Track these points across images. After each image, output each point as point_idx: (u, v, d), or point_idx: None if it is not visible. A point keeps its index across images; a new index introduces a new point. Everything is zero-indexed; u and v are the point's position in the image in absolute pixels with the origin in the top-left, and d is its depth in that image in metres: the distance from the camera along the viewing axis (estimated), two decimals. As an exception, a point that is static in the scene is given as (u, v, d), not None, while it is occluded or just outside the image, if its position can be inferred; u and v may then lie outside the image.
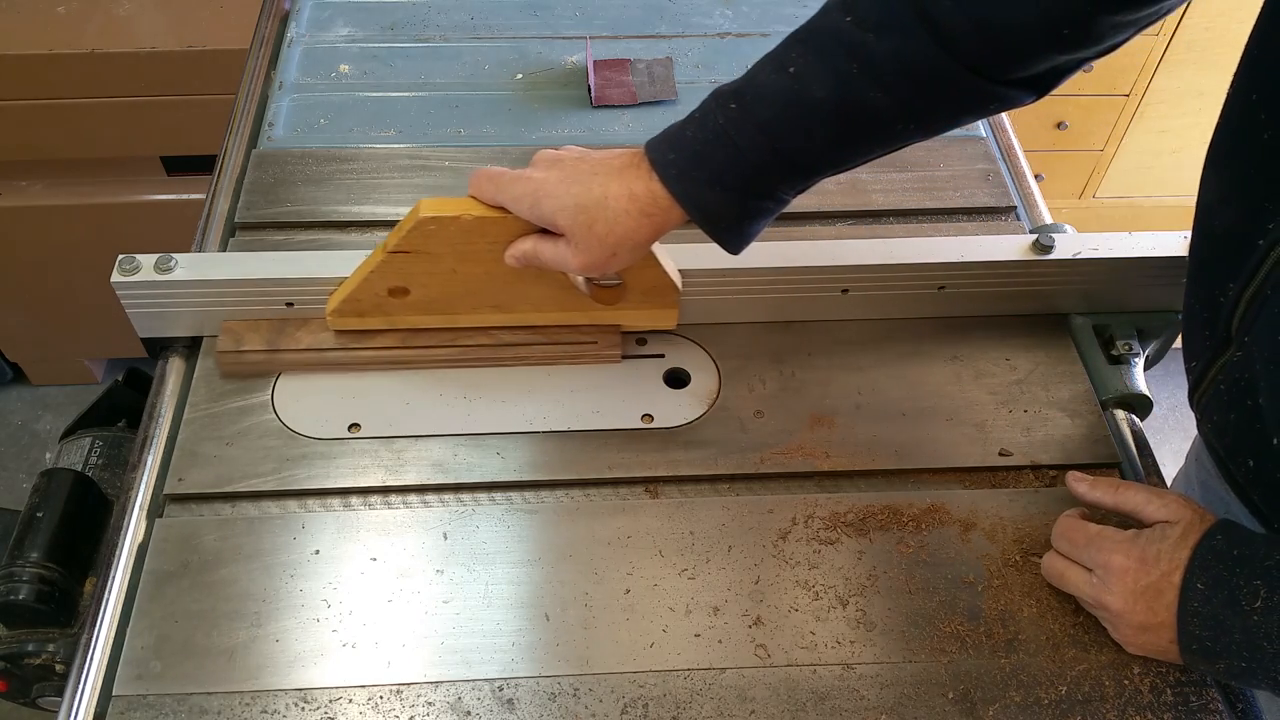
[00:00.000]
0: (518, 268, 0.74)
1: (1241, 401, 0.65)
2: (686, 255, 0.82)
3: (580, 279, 0.80)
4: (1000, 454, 0.79)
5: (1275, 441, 0.62)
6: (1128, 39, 0.66)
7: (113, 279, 0.80)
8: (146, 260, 0.80)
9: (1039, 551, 0.73)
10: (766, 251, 0.83)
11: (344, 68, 1.09)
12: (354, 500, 0.76)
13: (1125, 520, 0.69)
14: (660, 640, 0.69)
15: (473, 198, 0.73)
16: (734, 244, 0.70)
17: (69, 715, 0.65)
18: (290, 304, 0.82)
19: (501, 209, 0.72)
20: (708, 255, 0.83)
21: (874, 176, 0.99)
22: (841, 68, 0.63)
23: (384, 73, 1.09)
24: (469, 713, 0.66)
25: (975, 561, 0.73)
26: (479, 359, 0.83)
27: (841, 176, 0.99)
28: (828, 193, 0.98)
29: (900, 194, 0.98)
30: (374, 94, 1.07)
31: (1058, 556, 0.71)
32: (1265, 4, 0.59)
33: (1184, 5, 0.65)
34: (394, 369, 0.82)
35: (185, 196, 1.70)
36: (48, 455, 1.97)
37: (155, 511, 0.75)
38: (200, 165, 1.68)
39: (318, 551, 0.72)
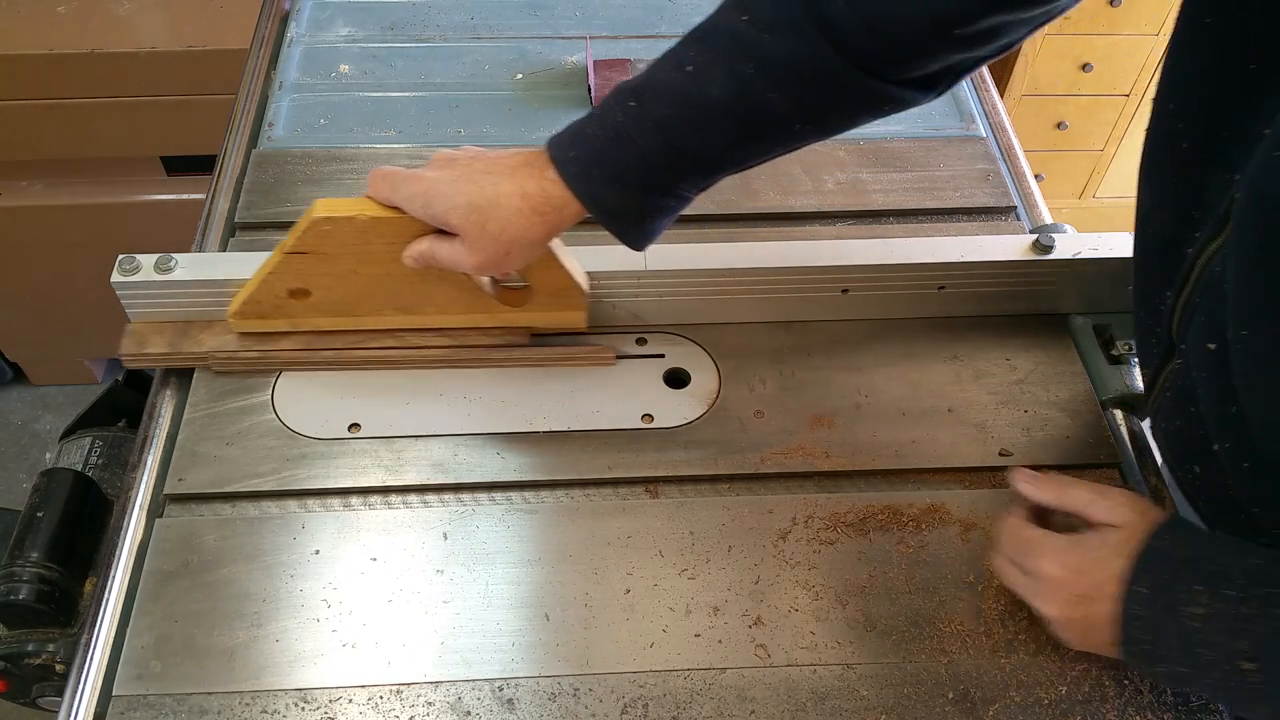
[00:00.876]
0: (417, 268, 0.74)
1: (1185, 409, 0.65)
2: (687, 255, 0.83)
3: (485, 280, 0.79)
4: (1000, 454, 0.79)
5: (1215, 448, 0.62)
6: (1023, 38, 0.66)
7: (113, 279, 0.80)
8: (146, 260, 0.80)
9: (1039, 551, 0.73)
10: (766, 251, 0.83)
11: (344, 68, 1.09)
12: (354, 500, 0.76)
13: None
14: (660, 640, 0.69)
15: (369, 198, 0.73)
16: (636, 241, 0.69)
17: (69, 715, 0.65)
18: (290, 304, 0.82)
19: (398, 209, 0.72)
20: (708, 255, 0.83)
21: (874, 176, 0.99)
22: (738, 68, 0.63)
23: (384, 73, 1.09)
24: (469, 713, 0.66)
25: (975, 561, 0.73)
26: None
27: (841, 176, 1.00)
28: (827, 193, 0.98)
29: (900, 194, 0.98)
30: (374, 94, 1.07)
31: (1001, 555, 0.70)
32: (1179, 15, 0.59)
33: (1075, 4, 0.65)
34: (383, 370, 0.82)
35: (185, 196, 1.70)
36: (48, 455, 1.97)
37: (155, 511, 0.75)
38: (200, 165, 1.68)
39: (318, 551, 0.72)
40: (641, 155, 0.65)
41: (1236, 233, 0.54)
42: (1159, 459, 0.81)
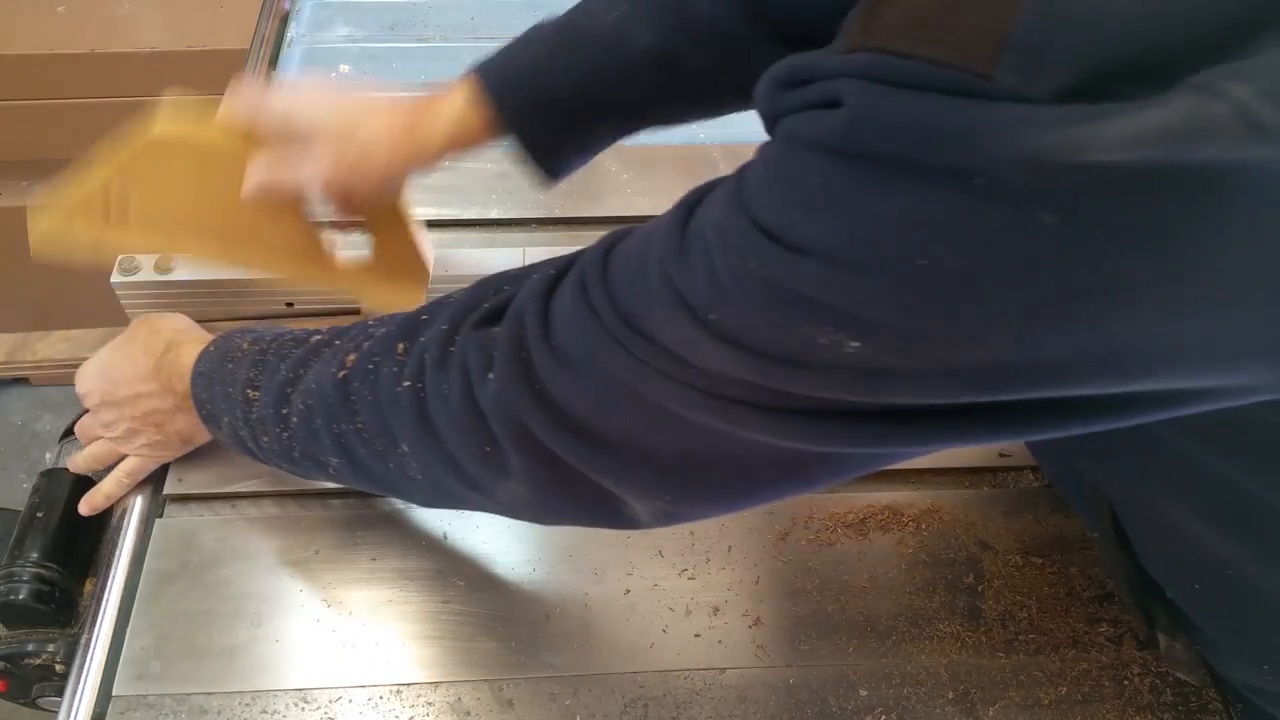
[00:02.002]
0: (258, 196, 0.69)
1: None
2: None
3: (333, 236, 0.77)
4: (1000, 454, 0.79)
5: None
6: None
7: (112, 279, 0.80)
8: (146, 260, 0.80)
9: (1039, 551, 0.73)
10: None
11: (344, 68, 1.09)
12: (354, 500, 0.76)
13: None
14: (660, 640, 0.69)
15: (222, 111, 0.71)
16: (551, 169, 0.69)
17: (69, 715, 0.65)
18: (290, 304, 0.82)
19: (242, 136, 0.69)
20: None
21: (874, 176, 0.99)
22: (663, 24, 0.63)
23: (384, 73, 1.09)
24: (469, 713, 0.66)
25: (975, 561, 0.73)
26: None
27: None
28: (828, 193, 0.98)
29: (900, 194, 0.98)
30: (374, 94, 1.06)
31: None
32: None
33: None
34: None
35: (185, 196, 1.70)
36: (48, 455, 1.97)
37: (155, 511, 0.75)
38: (200, 165, 1.68)
39: (318, 551, 0.72)
40: (564, 92, 0.65)
41: None
42: None
